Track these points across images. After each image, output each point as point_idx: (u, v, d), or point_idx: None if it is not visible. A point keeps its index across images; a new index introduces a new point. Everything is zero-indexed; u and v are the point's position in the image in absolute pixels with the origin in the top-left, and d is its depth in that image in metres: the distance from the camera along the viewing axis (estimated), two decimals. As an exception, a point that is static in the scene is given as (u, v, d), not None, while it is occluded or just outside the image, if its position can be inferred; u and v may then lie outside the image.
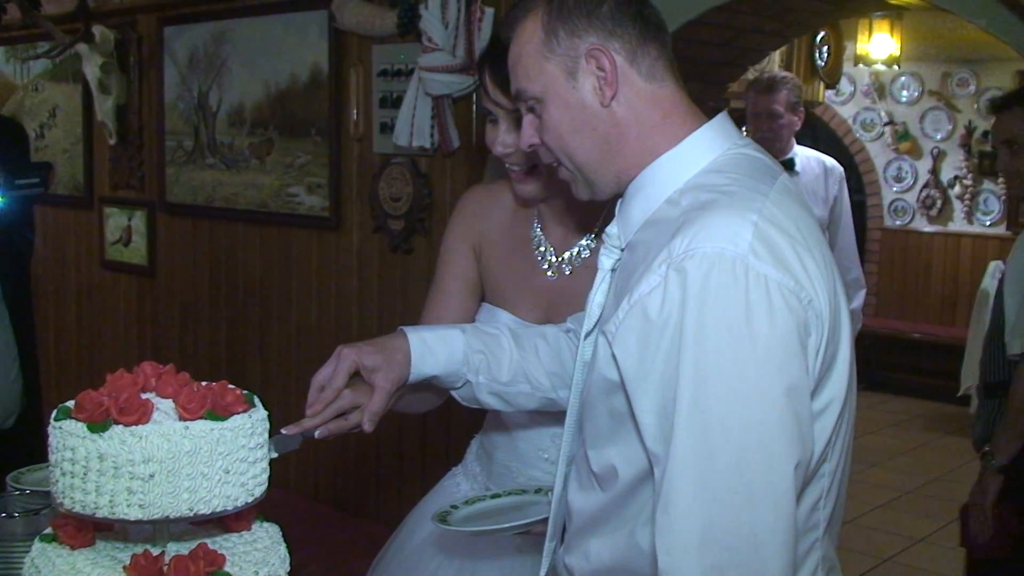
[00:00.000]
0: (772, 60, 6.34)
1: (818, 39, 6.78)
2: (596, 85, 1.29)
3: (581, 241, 1.79)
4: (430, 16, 3.51)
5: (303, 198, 4.33)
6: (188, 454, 1.15)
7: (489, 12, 3.49)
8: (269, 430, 1.27)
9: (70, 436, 1.16)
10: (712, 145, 1.31)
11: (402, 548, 1.94)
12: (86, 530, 1.25)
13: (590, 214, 1.76)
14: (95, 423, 1.15)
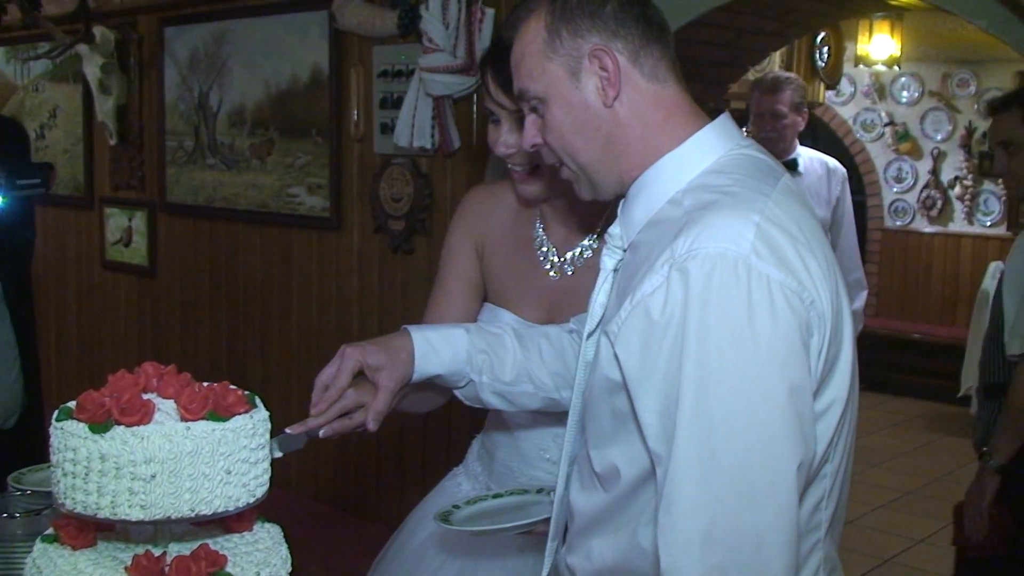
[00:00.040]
0: (772, 61, 6.34)
1: (818, 40, 6.77)
2: (599, 85, 1.29)
3: (583, 241, 1.79)
4: (430, 17, 3.51)
5: (304, 198, 4.33)
6: (190, 455, 1.15)
7: (490, 12, 3.49)
8: (271, 430, 1.27)
9: (72, 437, 1.16)
10: (714, 146, 1.31)
11: (403, 548, 1.94)
12: (87, 531, 1.25)
13: (592, 214, 1.76)
14: (97, 424, 1.15)
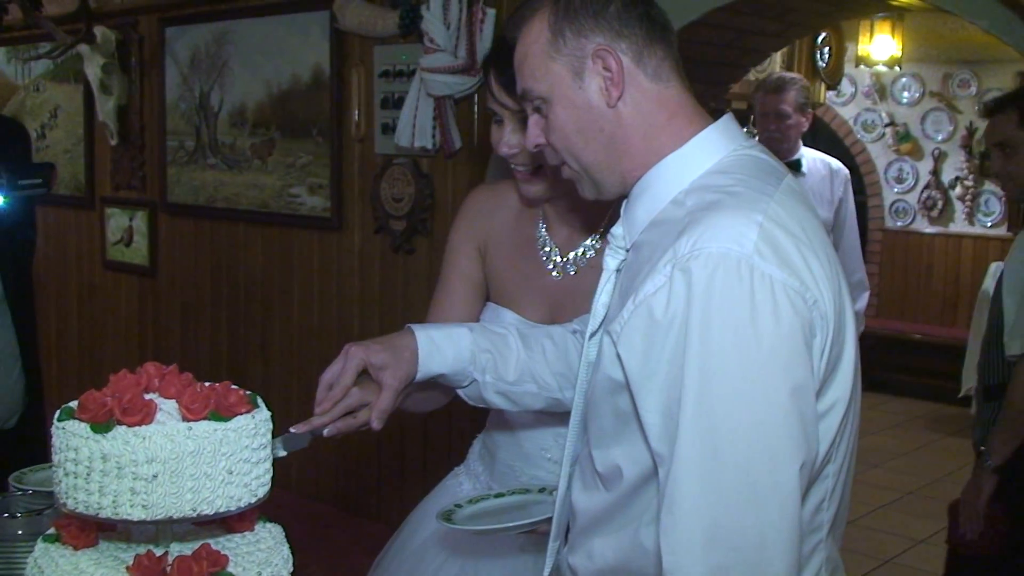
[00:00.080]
0: (773, 61, 6.34)
1: (819, 40, 6.79)
2: (602, 85, 1.29)
3: (586, 241, 1.79)
4: (431, 17, 3.51)
5: (304, 198, 4.33)
6: (191, 454, 1.15)
7: (491, 13, 3.49)
8: (272, 430, 1.27)
9: (73, 436, 1.16)
10: (718, 146, 1.31)
11: (404, 547, 1.94)
12: (89, 530, 1.25)
13: (595, 214, 1.76)
14: (98, 424, 1.15)
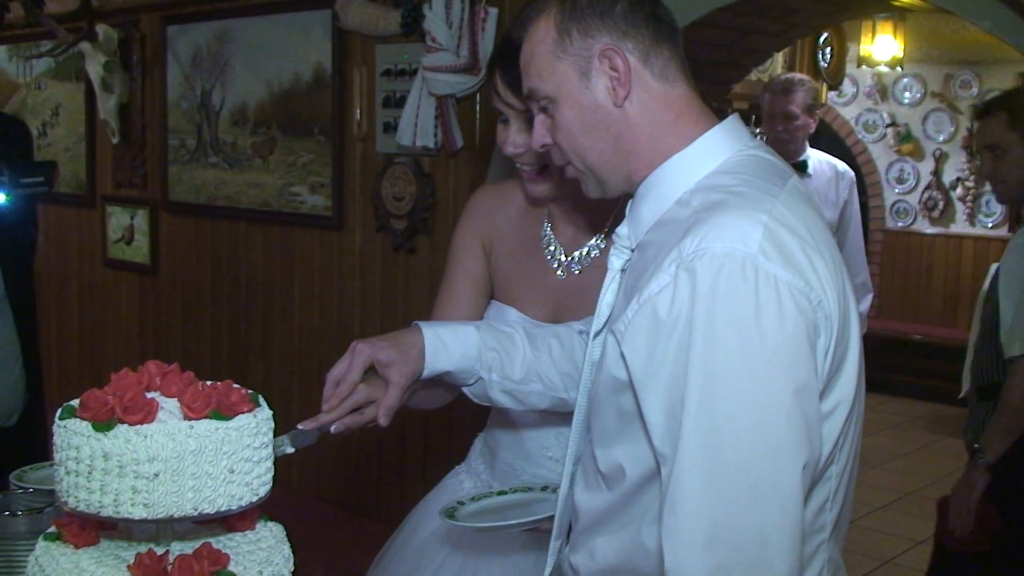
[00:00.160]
0: (775, 61, 6.34)
1: (821, 40, 6.78)
2: (609, 85, 1.29)
3: (591, 241, 1.78)
4: (434, 16, 3.51)
5: (306, 197, 4.32)
6: (193, 453, 1.14)
7: (493, 12, 3.49)
8: (273, 429, 1.27)
9: (75, 435, 1.15)
10: (723, 146, 1.30)
11: (404, 546, 1.94)
12: (90, 529, 1.25)
13: (600, 214, 1.76)
14: (100, 422, 1.15)
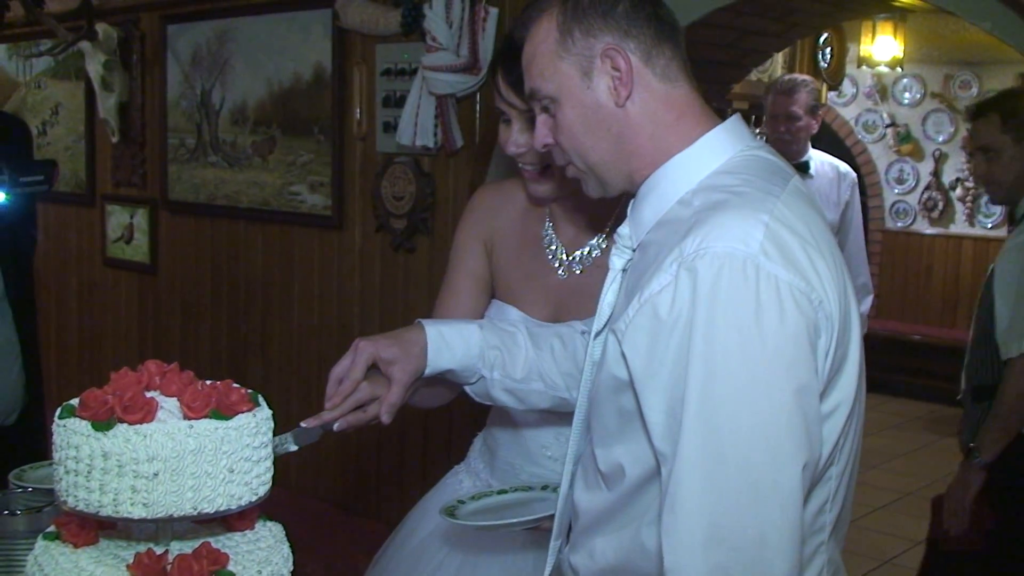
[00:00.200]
0: (775, 62, 6.34)
1: (821, 41, 6.78)
2: (611, 85, 1.29)
3: (592, 240, 1.79)
4: (434, 16, 3.50)
5: (305, 197, 4.32)
6: (192, 453, 1.14)
7: (493, 12, 3.49)
8: (272, 428, 1.27)
9: (74, 434, 1.15)
10: (725, 146, 1.30)
11: (403, 545, 1.94)
12: (89, 528, 1.25)
13: (602, 214, 1.76)
14: (99, 421, 1.15)
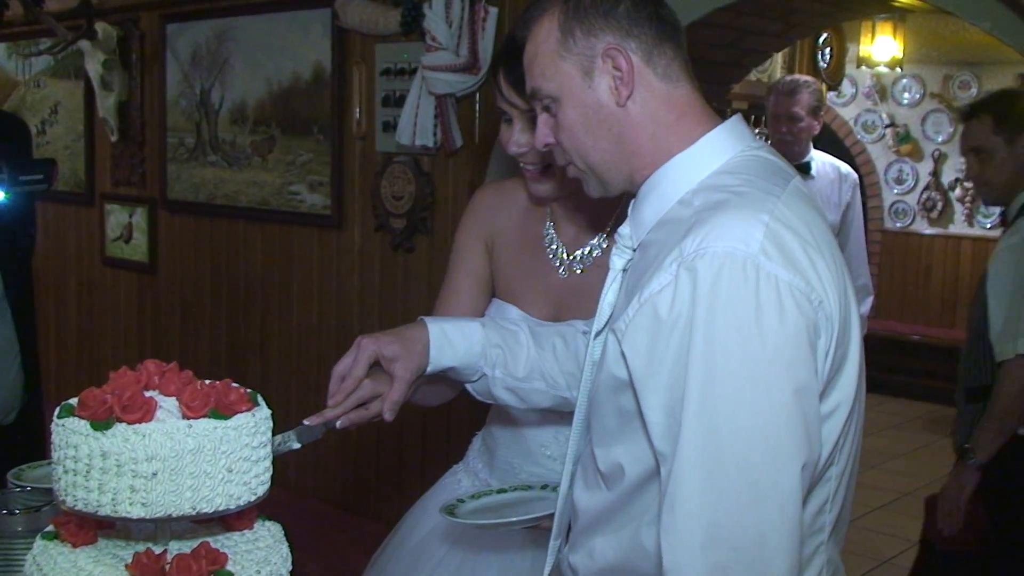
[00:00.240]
0: (774, 62, 6.34)
1: (821, 41, 6.79)
2: (612, 85, 1.29)
3: (593, 240, 1.79)
4: (433, 15, 3.51)
5: (305, 196, 4.32)
6: (191, 452, 1.14)
7: (493, 11, 3.49)
8: (272, 428, 1.27)
9: (73, 434, 1.15)
10: (726, 146, 1.30)
11: (402, 544, 1.94)
12: (88, 528, 1.25)
13: (602, 213, 1.76)
14: (98, 421, 1.15)
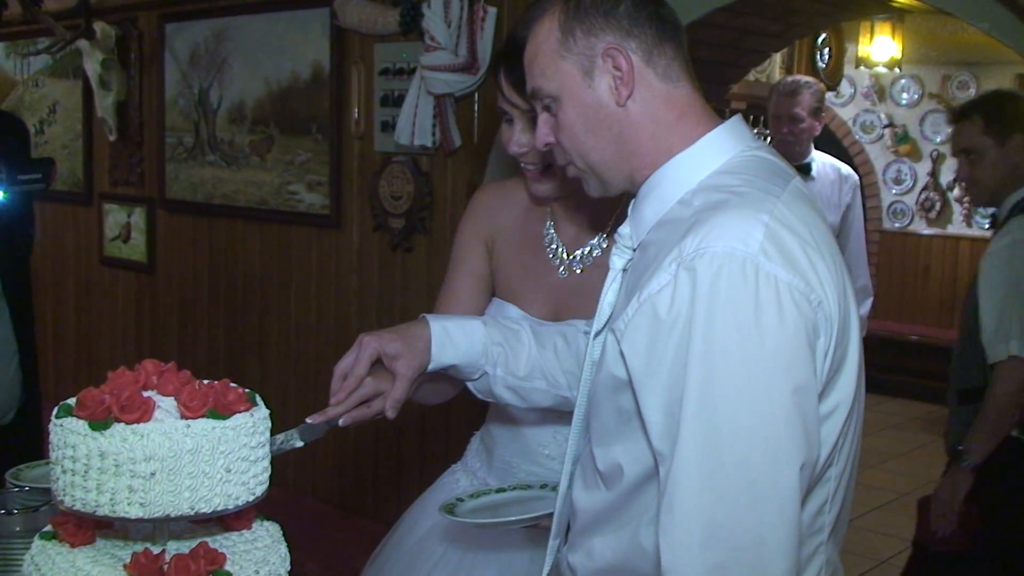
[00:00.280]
0: (773, 62, 6.35)
1: (819, 41, 6.79)
2: (612, 84, 1.29)
3: (593, 240, 1.79)
4: (432, 15, 3.50)
5: (303, 196, 4.32)
6: (190, 452, 1.14)
7: (492, 11, 3.49)
8: (271, 428, 1.27)
9: (71, 434, 1.15)
10: (726, 147, 1.30)
11: (400, 544, 1.94)
12: (86, 528, 1.25)
13: (603, 213, 1.76)
14: (96, 421, 1.15)
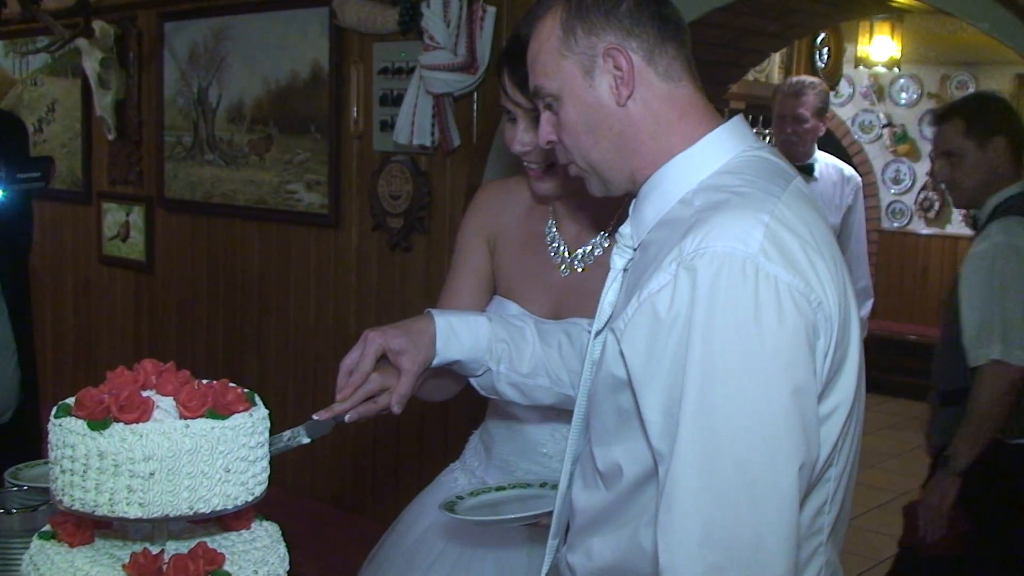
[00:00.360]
0: (772, 62, 6.35)
1: (818, 41, 6.79)
2: (612, 84, 1.29)
3: (594, 239, 1.79)
4: (431, 14, 3.50)
5: (302, 195, 4.32)
6: (189, 452, 1.14)
7: (491, 11, 3.49)
8: (269, 428, 1.27)
9: (70, 434, 1.15)
10: (727, 146, 1.30)
11: (399, 543, 1.94)
12: (85, 528, 1.25)
13: (604, 213, 1.77)
14: (95, 421, 1.15)
